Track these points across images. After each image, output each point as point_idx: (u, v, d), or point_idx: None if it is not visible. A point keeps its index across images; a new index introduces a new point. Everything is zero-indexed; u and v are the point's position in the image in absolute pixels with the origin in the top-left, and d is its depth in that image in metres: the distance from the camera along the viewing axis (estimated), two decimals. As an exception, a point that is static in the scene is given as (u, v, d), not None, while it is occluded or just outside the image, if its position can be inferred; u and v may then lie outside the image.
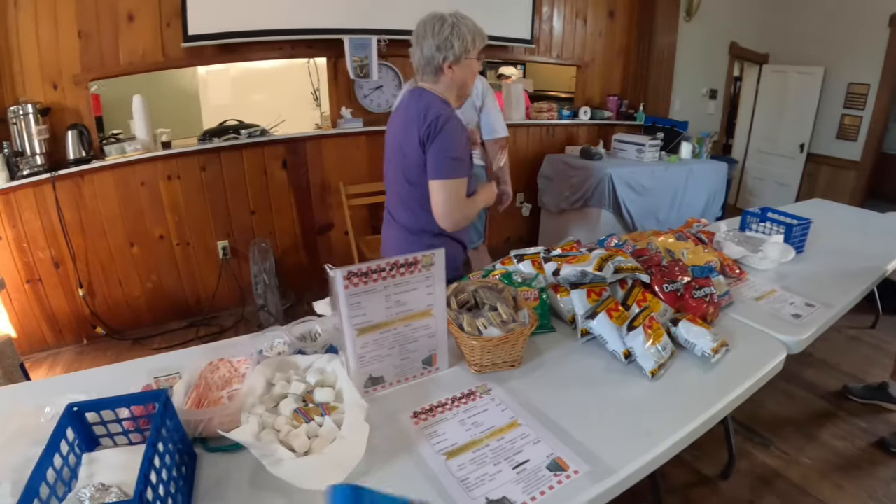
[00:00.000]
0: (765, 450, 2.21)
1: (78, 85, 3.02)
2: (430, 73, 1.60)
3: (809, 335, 1.49)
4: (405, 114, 1.62)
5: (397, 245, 1.76)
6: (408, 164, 1.60)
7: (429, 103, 1.56)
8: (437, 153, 1.52)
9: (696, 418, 1.10)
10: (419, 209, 1.64)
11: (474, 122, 2.80)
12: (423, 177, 1.57)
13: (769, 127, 5.80)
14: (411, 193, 1.64)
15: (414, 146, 1.55)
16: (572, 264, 1.48)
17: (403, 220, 1.72)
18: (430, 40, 1.55)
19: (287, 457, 0.86)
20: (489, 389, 1.16)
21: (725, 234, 2.27)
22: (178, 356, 1.36)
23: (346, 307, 1.00)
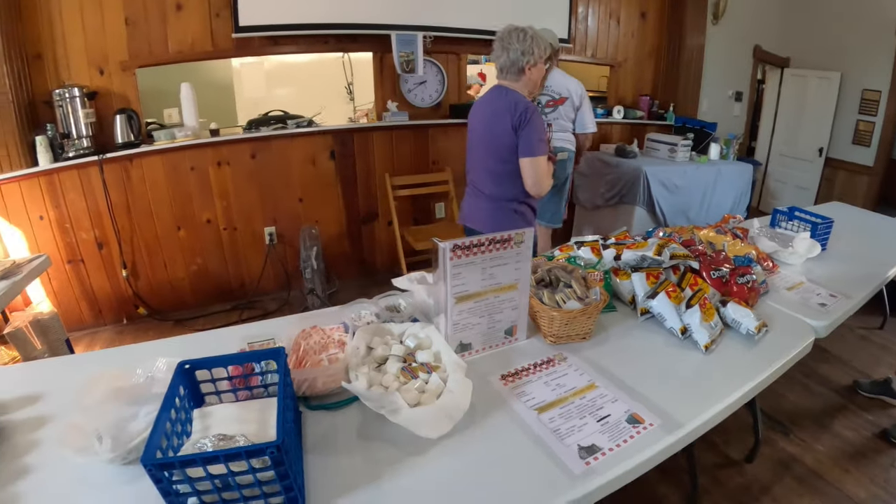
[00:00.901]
0: (785, 437, 2.37)
1: (125, 71, 3.12)
2: (514, 74, 1.98)
3: (834, 321, 1.62)
4: (492, 105, 2.01)
5: (486, 213, 2.14)
6: (500, 146, 1.98)
7: (515, 98, 1.95)
8: (527, 136, 1.91)
9: (746, 384, 1.24)
10: (507, 182, 2.03)
11: (570, 119, 3.11)
12: (513, 156, 1.96)
13: (790, 130, 5.83)
14: (503, 169, 2.02)
15: (507, 131, 1.93)
16: (632, 250, 1.57)
17: (493, 191, 2.09)
18: (516, 45, 1.93)
19: (404, 406, 0.95)
20: (565, 357, 1.28)
21: (758, 230, 2.37)
22: (267, 325, 1.45)
23: (449, 276, 1.09)
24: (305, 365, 1.17)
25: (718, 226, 2.31)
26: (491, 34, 3.00)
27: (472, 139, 2.15)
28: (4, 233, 3.03)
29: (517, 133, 1.92)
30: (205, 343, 1.39)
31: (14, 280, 2.40)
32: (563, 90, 3.15)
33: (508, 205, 2.09)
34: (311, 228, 3.38)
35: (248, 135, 3.37)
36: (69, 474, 0.92)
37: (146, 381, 1.11)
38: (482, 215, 2.15)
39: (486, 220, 2.13)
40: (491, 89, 2.08)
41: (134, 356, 1.32)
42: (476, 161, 2.13)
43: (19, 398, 1.16)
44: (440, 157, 3.98)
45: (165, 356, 1.19)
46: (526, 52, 1.92)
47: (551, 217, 3.31)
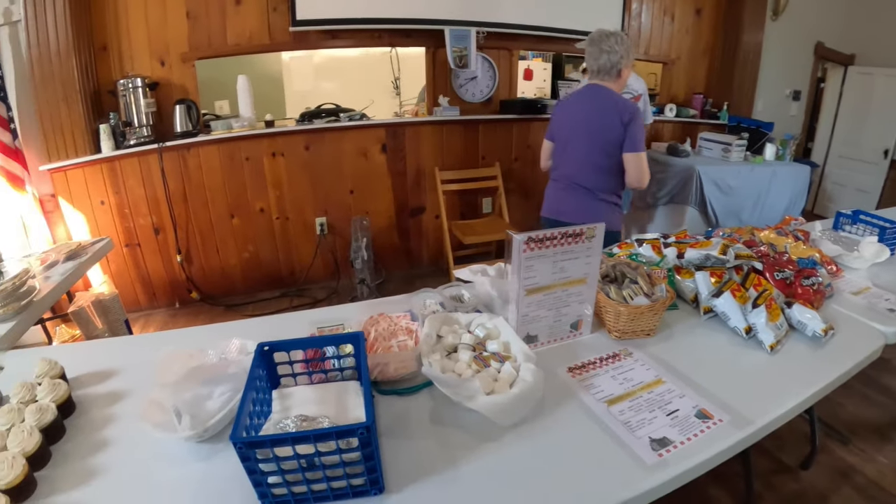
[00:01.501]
0: (843, 446, 2.28)
1: (185, 63, 3.23)
2: (613, 75, 2.12)
3: None
4: (595, 104, 2.13)
5: (585, 205, 2.24)
6: (607, 141, 2.10)
7: (618, 96, 2.11)
8: (633, 133, 2.06)
9: (814, 385, 1.21)
10: (610, 176, 2.17)
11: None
12: (617, 151, 2.09)
13: (852, 131, 5.59)
14: (607, 163, 2.14)
15: (618, 128, 2.06)
16: (696, 248, 1.55)
17: (592, 184, 2.20)
18: (616, 48, 2.07)
19: (480, 393, 0.96)
20: (631, 353, 1.27)
21: (821, 233, 2.29)
22: (334, 310, 1.48)
23: (521, 268, 1.10)
24: (376, 350, 1.19)
25: (779, 227, 2.24)
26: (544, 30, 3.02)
27: (567, 134, 2.24)
28: (68, 216, 3.17)
29: (625, 129, 2.05)
30: (273, 327, 1.42)
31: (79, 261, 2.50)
32: (637, 87, 3.27)
33: (608, 197, 2.23)
34: (363, 219, 3.43)
35: (302, 126, 3.44)
36: (146, 449, 0.96)
37: (221, 362, 1.14)
38: (580, 207, 2.24)
39: (585, 211, 2.23)
40: (586, 88, 2.20)
41: (201, 337, 1.37)
42: (575, 155, 2.22)
43: (92, 374, 1.22)
44: (489, 152, 3.98)
45: (238, 338, 1.23)
46: (624, 55, 2.08)
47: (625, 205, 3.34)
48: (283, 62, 4.98)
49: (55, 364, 1.15)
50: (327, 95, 4.06)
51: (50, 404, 1.00)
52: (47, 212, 3.17)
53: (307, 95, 4.61)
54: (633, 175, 2.12)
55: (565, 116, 2.27)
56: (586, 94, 2.19)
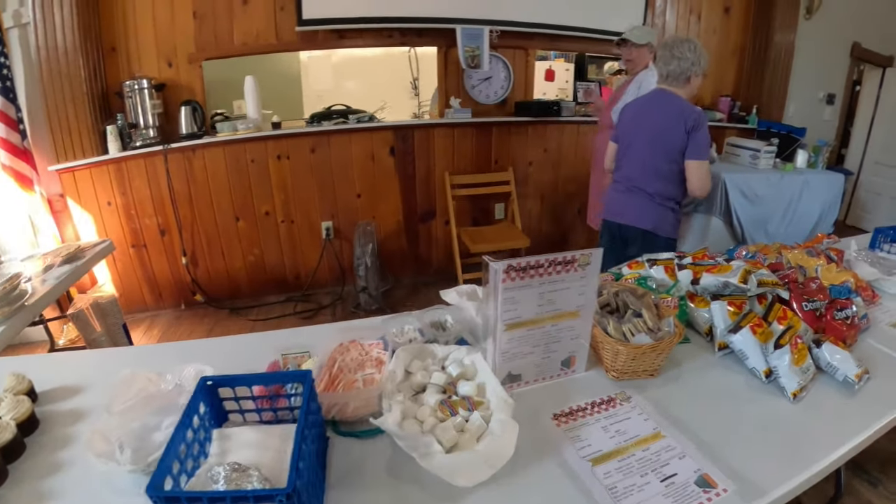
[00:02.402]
0: (872, 488, 2.08)
1: (192, 63, 3.18)
2: (682, 81, 2.14)
3: None
4: (661, 109, 2.15)
5: (647, 209, 2.24)
6: (671, 147, 2.11)
7: (684, 103, 2.12)
8: (698, 140, 2.06)
9: (843, 445, 1.05)
10: (670, 182, 2.18)
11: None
12: (680, 157, 2.11)
13: (890, 136, 5.29)
14: (670, 169, 2.15)
15: (681, 134, 2.07)
16: (713, 274, 1.39)
17: (656, 189, 2.21)
18: (688, 55, 2.09)
19: (438, 451, 0.84)
20: (629, 397, 1.12)
21: (856, 253, 2.09)
22: (304, 333, 1.38)
23: (500, 301, 0.96)
24: (338, 385, 1.07)
25: (810, 246, 2.05)
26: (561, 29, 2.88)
27: (630, 137, 2.27)
28: (76, 216, 3.16)
29: (689, 136, 2.06)
30: (239, 349, 1.33)
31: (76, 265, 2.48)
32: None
33: (668, 203, 2.23)
34: (367, 225, 3.32)
35: (307, 129, 3.36)
36: (97, 476, 0.91)
37: (174, 389, 1.07)
38: (641, 212, 2.26)
39: (646, 216, 2.25)
40: (653, 92, 2.24)
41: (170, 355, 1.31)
42: (637, 159, 2.24)
43: (61, 388, 1.19)
44: (503, 156, 3.84)
45: (198, 360, 1.16)
46: (695, 62, 2.10)
47: None
48: (302, 61, 4.94)
49: (23, 379, 1.13)
50: (345, 95, 3.99)
51: (10, 422, 0.98)
52: (56, 212, 3.16)
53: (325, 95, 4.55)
54: (696, 183, 2.13)
55: (631, 119, 2.30)
56: (653, 99, 2.22)
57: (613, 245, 2.40)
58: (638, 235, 2.28)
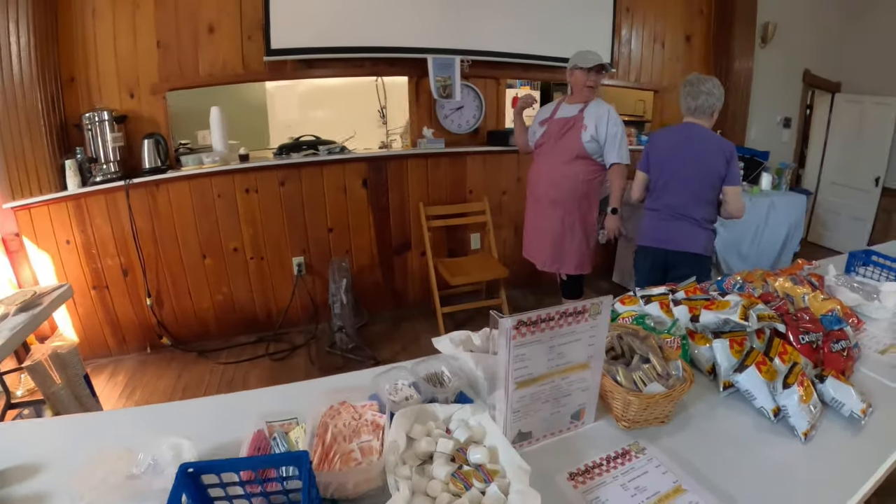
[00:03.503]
0: None
1: (155, 94, 3.06)
2: (707, 115, 2.35)
3: None
4: (700, 143, 2.34)
5: (693, 233, 2.44)
6: (712, 176, 2.32)
7: (717, 136, 2.36)
8: (733, 169, 2.30)
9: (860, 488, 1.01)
10: (711, 207, 2.41)
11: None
12: (720, 184, 2.33)
13: (842, 158, 5.52)
14: (710, 195, 2.38)
15: (722, 164, 2.29)
16: (712, 311, 1.36)
17: (699, 214, 2.41)
18: (715, 92, 2.32)
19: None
20: (643, 448, 1.06)
21: (835, 279, 2.11)
22: (288, 394, 1.26)
23: (510, 359, 0.90)
24: (333, 456, 0.97)
25: (792, 273, 2.06)
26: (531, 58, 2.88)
27: (672, 169, 2.41)
28: (33, 257, 2.98)
29: (727, 165, 2.29)
30: (217, 412, 1.21)
31: (33, 312, 2.33)
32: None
33: (710, 225, 2.46)
34: (342, 261, 3.23)
35: (277, 161, 3.26)
36: None
37: (149, 471, 0.95)
38: (688, 236, 2.44)
39: (693, 240, 2.44)
40: (685, 126, 2.41)
41: (141, 422, 1.19)
42: (683, 188, 2.40)
43: (19, 469, 1.04)
44: (477, 185, 3.81)
45: (172, 427, 1.06)
46: (719, 98, 2.32)
47: None
48: (268, 91, 4.86)
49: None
50: (313, 125, 3.91)
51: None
52: (11, 252, 2.98)
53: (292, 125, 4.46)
54: (734, 205, 2.36)
55: (666, 151, 2.44)
56: (688, 131, 2.39)
57: (654, 270, 2.57)
58: (689, 258, 2.46)
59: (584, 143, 2.73)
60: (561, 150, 2.77)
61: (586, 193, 2.81)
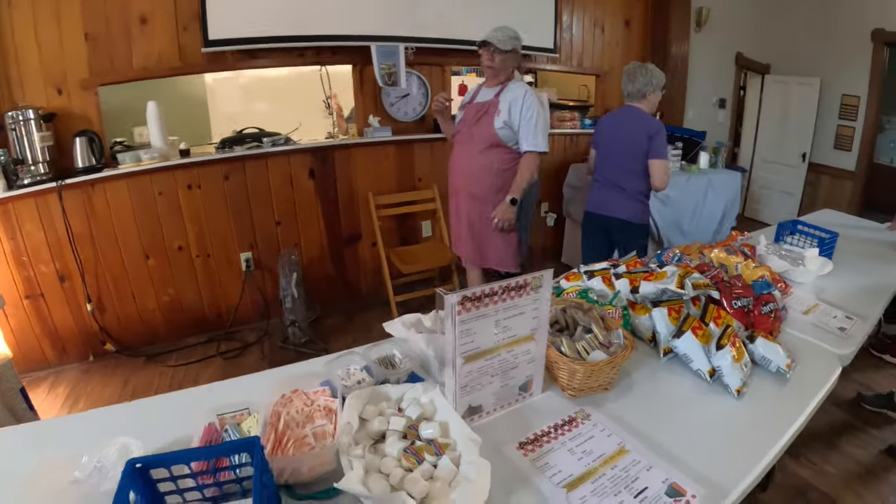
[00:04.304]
0: (795, 460, 2.28)
1: (86, 90, 2.91)
2: (639, 98, 2.64)
3: (856, 347, 1.53)
4: (629, 122, 2.64)
5: (621, 201, 2.71)
6: (638, 151, 2.59)
7: (645, 115, 2.64)
8: (656, 144, 2.55)
9: (785, 432, 1.12)
10: (639, 179, 2.65)
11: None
12: (645, 158, 2.58)
13: (773, 136, 5.82)
14: (636, 168, 2.62)
15: (643, 139, 2.56)
16: (651, 281, 1.43)
17: (628, 184, 2.68)
18: (640, 79, 2.60)
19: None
20: (589, 415, 1.11)
21: (766, 248, 2.25)
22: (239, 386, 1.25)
23: (456, 334, 0.92)
24: (287, 443, 0.97)
25: (727, 244, 2.18)
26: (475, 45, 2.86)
27: (608, 145, 2.74)
28: (-43, 268, 2.79)
29: (650, 141, 2.54)
30: (167, 412, 1.18)
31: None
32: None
33: (639, 195, 2.70)
34: (291, 254, 3.17)
35: (220, 155, 3.16)
36: None
37: (93, 475, 0.92)
38: (619, 203, 2.72)
39: (624, 207, 2.71)
40: (623, 108, 2.73)
41: (85, 429, 1.13)
42: (615, 162, 2.71)
43: None
44: (425, 173, 3.81)
45: (119, 431, 1.00)
46: (647, 83, 2.60)
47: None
48: (207, 83, 4.67)
49: None
50: (257, 117, 3.80)
51: None
52: (-68, 264, 2.78)
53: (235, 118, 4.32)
54: (657, 177, 2.59)
55: (606, 130, 2.77)
56: (624, 113, 2.70)
57: (596, 234, 2.88)
58: (621, 224, 2.73)
59: (497, 130, 2.55)
60: (476, 139, 2.61)
61: (502, 186, 2.61)
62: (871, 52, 4.84)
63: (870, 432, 2.46)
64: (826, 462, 2.26)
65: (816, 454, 2.30)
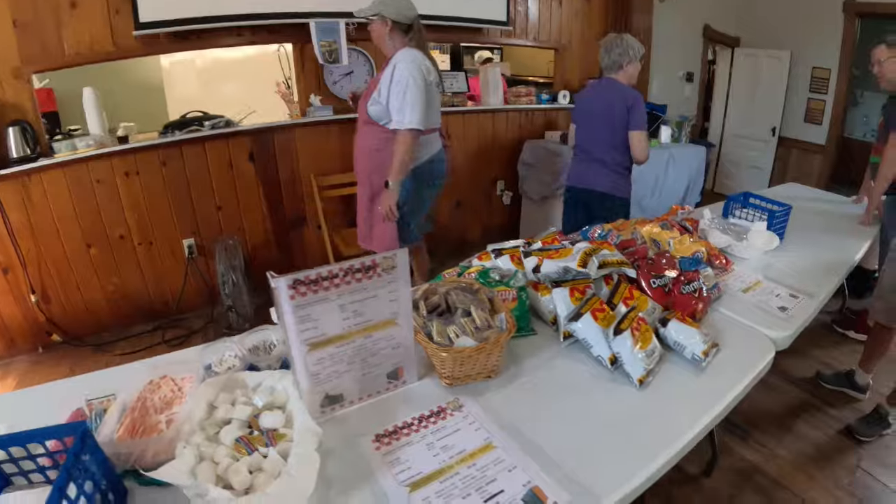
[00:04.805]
0: (743, 443, 2.21)
1: (18, 78, 2.79)
2: (616, 69, 2.59)
3: (795, 330, 1.45)
4: (607, 93, 2.59)
5: (601, 174, 2.69)
6: (616, 122, 2.54)
7: (623, 87, 2.58)
8: (635, 115, 2.50)
9: (689, 430, 1.02)
10: (619, 151, 2.61)
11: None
12: (624, 130, 2.54)
13: (743, 110, 5.76)
14: (615, 140, 2.59)
15: (622, 111, 2.51)
16: (553, 260, 1.36)
17: (607, 156, 2.65)
18: (616, 49, 2.55)
19: (222, 497, 0.73)
20: (461, 405, 1.03)
21: (710, 222, 2.18)
22: (119, 373, 1.22)
23: (293, 320, 0.87)
24: (139, 429, 0.94)
25: (664, 219, 2.11)
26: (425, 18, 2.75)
27: (587, 118, 2.70)
28: None
29: (628, 112, 2.49)
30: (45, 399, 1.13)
31: None
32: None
33: (620, 169, 2.67)
34: (228, 240, 3.10)
35: (155, 141, 3.07)
36: None
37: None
38: (599, 176, 2.69)
39: (604, 180, 2.68)
40: (602, 80, 2.70)
41: None
42: (593, 135, 2.67)
43: None
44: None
45: None
46: (622, 54, 2.54)
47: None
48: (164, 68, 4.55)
49: None
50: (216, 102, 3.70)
51: None
52: None
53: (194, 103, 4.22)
54: (637, 149, 2.56)
55: (585, 103, 2.74)
56: (602, 85, 2.66)
57: (576, 209, 2.84)
58: (600, 197, 2.70)
59: (368, 107, 2.41)
60: (359, 118, 2.52)
61: (377, 167, 2.46)
62: (842, 24, 4.78)
63: (828, 412, 2.39)
64: (779, 444, 2.19)
65: (769, 436, 2.23)
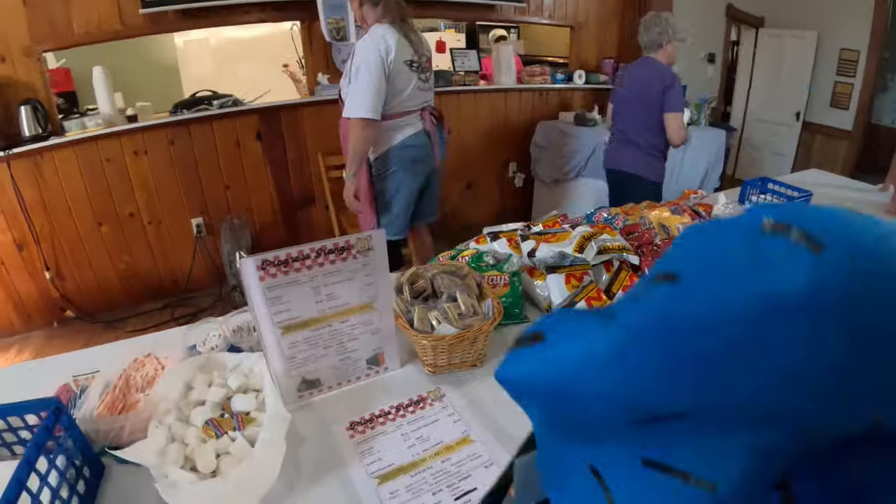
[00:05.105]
0: None
1: (29, 57, 2.82)
2: (655, 48, 2.56)
3: None
4: (644, 72, 2.57)
5: (634, 156, 2.67)
6: (651, 102, 2.51)
7: (661, 65, 2.54)
8: (671, 96, 2.46)
9: None
10: (654, 133, 2.58)
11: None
12: (660, 111, 2.50)
13: (766, 94, 5.56)
14: (650, 121, 2.55)
15: (658, 91, 2.47)
16: (550, 244, 1.32)
17: (641, 139, 2.62)
18: (654, 28, 2.52)
19: (184, 480, 0.72)
20: (443, 395, 1.00)
21: (724, 207, 2.10)
22: (107, 351, 1.22)
23: (262, 302, 0.85)
24: (120, 406, 0.95)
25: (676, 203, 2.04)
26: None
27: (624, 97, 2.68)
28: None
29: (664, 93, 2.46)
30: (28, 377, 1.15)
31: None
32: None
33: (654, 151, 2.63)
34: (235, 219, 3.11)
35: (164, 120, 3.08)
36: None
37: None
38: (632, 159, 2.68)
39: (637, 162, 2.67)
40: (640, 60, 2.64)
41: None
42: (628, 115, 2.66)
43: None
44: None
45: None
46: (662, 32, 2.51)
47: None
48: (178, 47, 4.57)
49: None
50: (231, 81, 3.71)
51: None
52: None
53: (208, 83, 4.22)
54: (672, 131, 2.52)
55: (622, 82, 2.71)
56: (640, 64, 2.63)
57: (613, 190, 2.87)
58: (632, 179, 2.68)
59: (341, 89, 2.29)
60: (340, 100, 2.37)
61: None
62: (873, 3, 4.55)
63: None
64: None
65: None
